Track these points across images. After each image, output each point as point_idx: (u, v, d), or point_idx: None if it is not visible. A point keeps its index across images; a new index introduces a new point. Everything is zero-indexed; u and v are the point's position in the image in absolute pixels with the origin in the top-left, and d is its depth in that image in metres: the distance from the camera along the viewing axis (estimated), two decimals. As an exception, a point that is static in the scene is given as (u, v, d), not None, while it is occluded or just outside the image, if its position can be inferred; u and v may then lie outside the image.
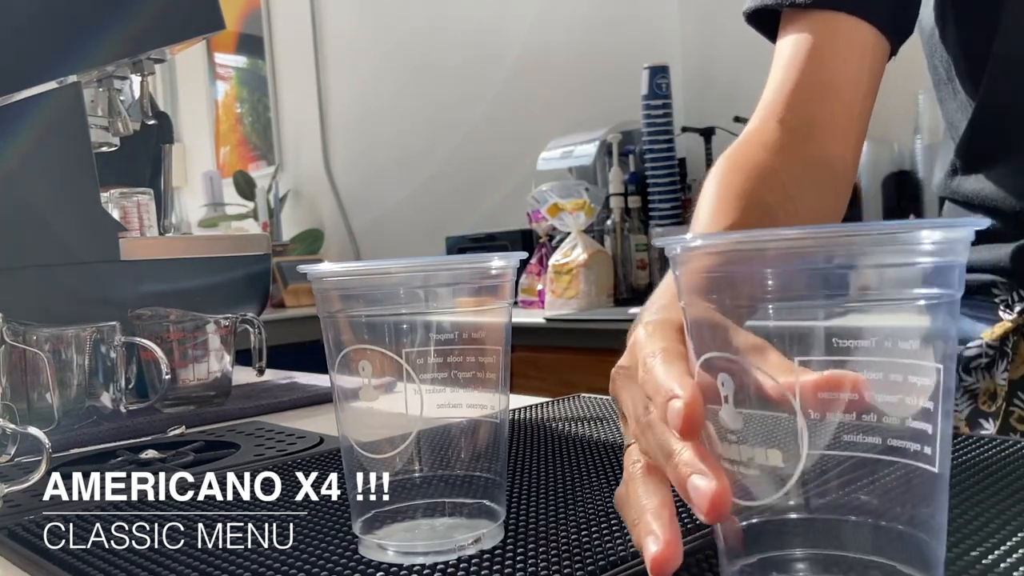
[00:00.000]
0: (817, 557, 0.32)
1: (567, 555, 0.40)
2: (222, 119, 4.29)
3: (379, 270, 0.41)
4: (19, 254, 0.91)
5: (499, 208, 2.66)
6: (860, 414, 0.29)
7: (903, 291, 0.30)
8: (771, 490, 0.31)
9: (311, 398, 0.94)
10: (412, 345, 0.41)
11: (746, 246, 0.31)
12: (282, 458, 0.65)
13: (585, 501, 0.48)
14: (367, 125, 3.36)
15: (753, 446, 0.31)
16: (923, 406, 0.29)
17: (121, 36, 0.89)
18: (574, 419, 0.72)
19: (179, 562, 0.42)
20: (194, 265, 0.99)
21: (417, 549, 0.40)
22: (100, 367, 0.78)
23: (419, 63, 3.08)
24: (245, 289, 1.04)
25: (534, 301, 2.15)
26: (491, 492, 0.42)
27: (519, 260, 0.42)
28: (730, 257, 0.32)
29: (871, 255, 0.29)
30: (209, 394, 0.91)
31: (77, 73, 0.91)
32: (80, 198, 0.93)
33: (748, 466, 0.31)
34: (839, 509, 0.31)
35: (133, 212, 1.06)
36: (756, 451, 0.31)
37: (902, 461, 0.30)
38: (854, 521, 0.31)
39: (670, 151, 2.09)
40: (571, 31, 2.55)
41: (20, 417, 0.72)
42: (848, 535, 0.31)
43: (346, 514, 0.45)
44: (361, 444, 0.42)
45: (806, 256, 0.29)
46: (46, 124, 0.91)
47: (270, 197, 3.54)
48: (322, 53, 3.57)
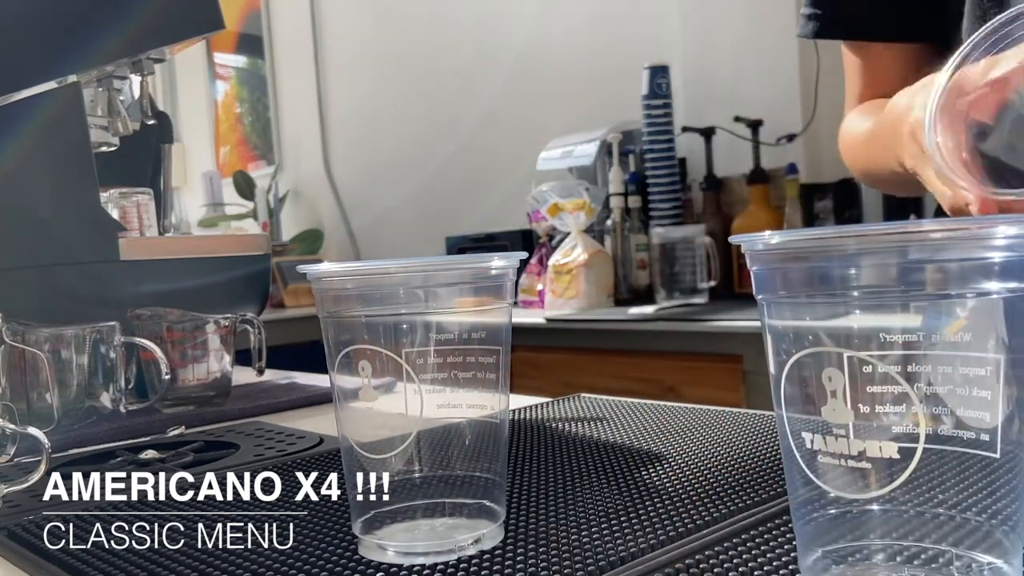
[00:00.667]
0: (896, 548, 0.32)
1: (567, 555, 0.40)
2: (222, 119, 4.29)
3: (379, 270, 0.41)
4: (19, 254, 0.91)
5: (499, 208, 2.65)
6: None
7: (977, 286, 0.30)
8: (877, 483, 0.32)
9: (311, 398, 0.94)
10: (412, 345, 0.41)
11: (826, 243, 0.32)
12: (282, 458, 0.65)
13: (585, 501, 0.48)
14: (367, 125, 3.36)
15: (865, 439, 0.31)
16: (982, 395, 0.30)
17: (121, 36, 0.89)
18: (574, 419, 0.72)
19: (179, 562, 0.42)
20: (194, 265, 0.99)
21: (417, 549, 0.40)
22: (100, 367, 0.78)
23: (419, 63, 3.08)
24: (245, 289, 1.04)
25: (534, 301, 2.15)
26: (491, 492, 0.42)
27: (519, 260, 0.42)
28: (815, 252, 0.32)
29: (946, 250, 0.30)
30: (209, 394, 0.91)
31: (77, 73, 0.91)
32: (80, 198, 0.93)
33: (859, 459, 0.31)
34: (915, 499, 0.32)
35: (133, 212, 1.06)
36: (868, 443, 0.31)
37: (959, 450, 0.30)
38: (932, 511, 0.32)
39: (670, 151, 2.09)
40: (571, 31, 2.55)
41: (20, 417, 0.72)
42: (927, 526, 0.32)
43: (346, 514, 0.45)
44: (361, 444, 0.42)
45: (884, 252, 0.30)
46: (46, 124, 0.91)
47: (270, 197, 3.54)
48: (322, 53, 3.57)
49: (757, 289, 0.34)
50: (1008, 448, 0.30)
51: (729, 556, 0.39)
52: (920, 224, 0.30)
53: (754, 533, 0.42)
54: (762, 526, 0.43)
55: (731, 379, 1.51)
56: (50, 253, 0.91)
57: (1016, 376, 0.30)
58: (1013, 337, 0.30)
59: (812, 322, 0.32)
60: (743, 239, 0.34)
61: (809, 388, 0.32)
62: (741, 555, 0.39)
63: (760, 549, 0.40)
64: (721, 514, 0.45)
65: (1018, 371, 0.30)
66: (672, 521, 0.44)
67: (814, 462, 0.33)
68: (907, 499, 0.32)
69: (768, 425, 0.66)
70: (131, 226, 1.08)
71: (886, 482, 0.31)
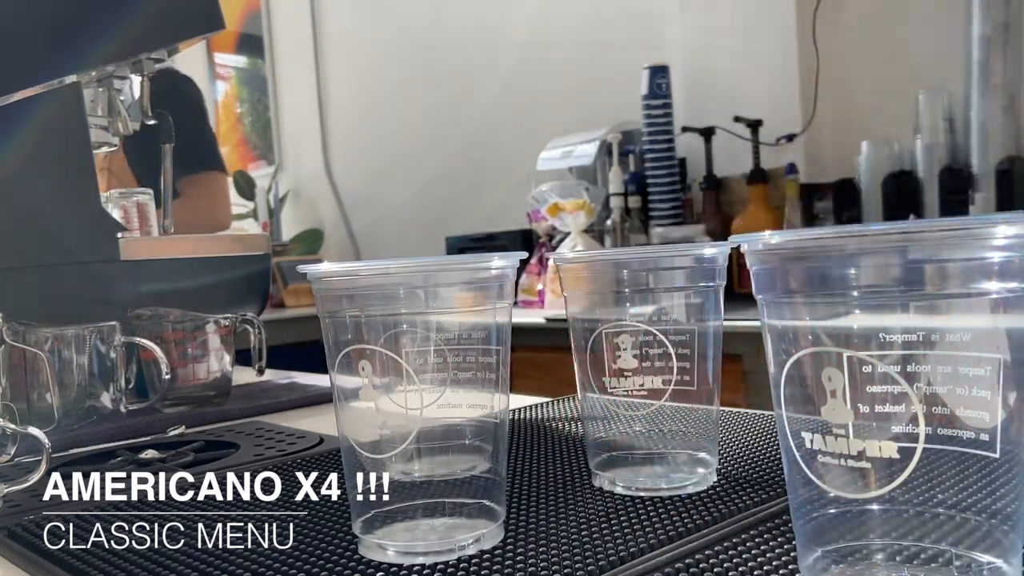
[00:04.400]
0: (895, 548, 0.32)
1: (567, 555, 0.40)
2: (222, 119, 4.28)
3: (379, 270, 0.41)
4: (19, 254, 0.91)
5: (499, 208, 2.65)
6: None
7: (977, 285, 0.30)
8: (877, 482, 0.32)
9: (311, 398, 0.94)
10: (412, 345, 0.41)
11: (826, 243, 0.32)
12: (282, 458, 0.65)
13: (585, 501, 0.48)
14: (367, 125, 3.36)
15: (865, 439, 0.31)
16: (981, 395, 0.30)
17: (121, 36, 0.89)
18: (574, 419, 0.72)
19: (179, 562, 0.42)
20: (194, 265, 0.99)
21: (417, 549, 0.40)
22: (100, 367, 0.78)
23: (419, 63, 3.08)
24: (245, 289, 1.04)
25: (534, 301, 2.15)
26: (491, 492, 0.42)
27: (519, 260, 0.42)
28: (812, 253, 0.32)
29: (946, 250, 0.30)
30: (209, 394, 0.91)
31: (77, 73, 0.91)
32: (80, 198, 0.93)
33: (859, 459, 0.31)
34: (915, 499, 0.32)
35: (133, 212, 1.06)
36: (868, 443, 0.31)
37: (958, 450, 0.30)
38: (931, 511, 0.32)
39: (670, 151, 2.09)
40: (571, 31, 2.55)
41: (20, 417, 0.72)
42: (927, 525, 0.32)
43: (346, 514, 0.45)
44: (361, 444, 0.42)
45: (884, 251, 0.30)
46: (46, 124, 0.91)
47: (270, 197, 3.54)
48: (322, 53, 3.57)
49: (757, 289, 0.34)
50: (1007, 448, 0.30)
51: (729, 556, 0.39)
52: (919, 224, 0.30)
53: (754, 533, 0.42)
54: (762, 526, 0.43)
55: (731, 379, 1.51)
56: (50, 253, 0.91)
57: (1015, 376, 0.30)
58: (1012, 337, 0.30)
59: (812, 322, 0.32)
60: (743, 239, 0.34)
61: (808, 388, 0.32)
62: (741, 555, 0.40)
63: (760, 549, 0.40)
64: (721, 514, 0.45)
65: (1017, 371, 0.30)
66: (672, 521, 0.44)
67: (814, 462, 0.33)
68: (907, 499, 0.32)
69: (768, 425, 0.66)
70: (131, 226, 1.07)
71: (886, 482, 0.31)
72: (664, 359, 0.50)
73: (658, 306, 0.50)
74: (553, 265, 2.02)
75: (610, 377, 0.50)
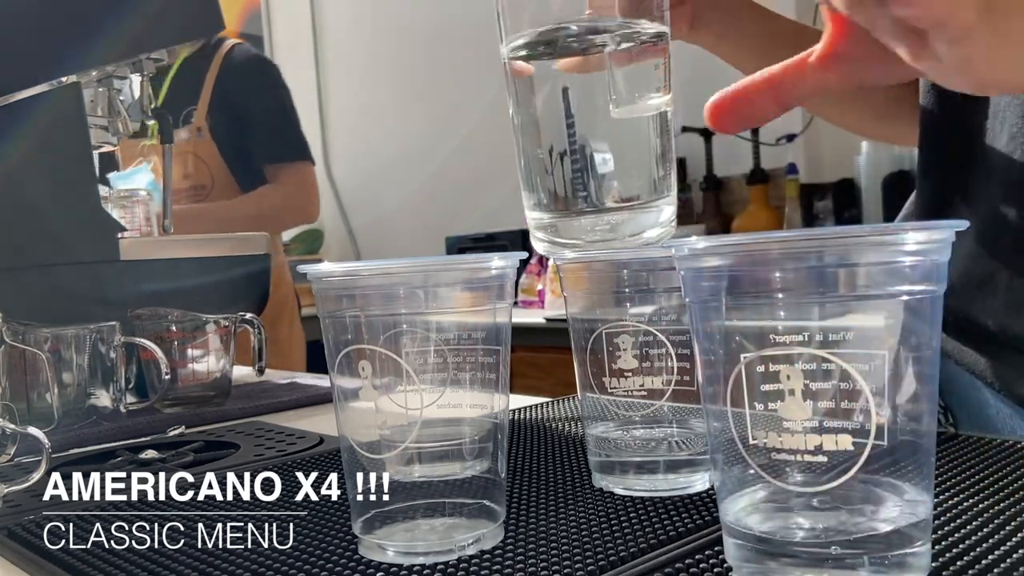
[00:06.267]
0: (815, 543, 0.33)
1: (567, 555, 0.40)
2: (222, 119, 4.28)
3: (379, 270, 0.41)
4: (19, 254, 0.91)
5: (499, 208, 2.65)
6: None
7: (889, 288, 0.32)
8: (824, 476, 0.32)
9: (311, 398, 0.94)
10: (412, 345, 0.41)
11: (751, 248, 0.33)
12: (282, 458, 0.65)
13: (585, 501, 0.48)
14: (367, 125, 3.36)
15: (821, 433, 0.32)
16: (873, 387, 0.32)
17: (121, 37, 0.89)
18: (574, 419, 0.72)
19: (179, 562, 0.42)
20: (194, 265, 0.99)
21: (417, 549, 0.40)
22: (100, 367, 0.78)
23: (419, 63, 3.08)
24: (245, 289, 1.04)
25: (534, 301, 2.15)
26: (491, 492, 0.42)
27: (519, 260, 0.42)
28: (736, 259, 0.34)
29: (859, 254, 0.32)
30: (209, 394, 0.91)
31: (77, 73, 0.91)
32: (80, 198, 0.93)
33: (815, 454, 0.32)
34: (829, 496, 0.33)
35: (133, 212, 1.06)
36: (824, 438, 0.32)
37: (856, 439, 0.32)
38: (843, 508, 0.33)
39: (670, 151, 2.09)
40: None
41: (20, 417, 0.72)
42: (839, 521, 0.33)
43: (346, 514, 0.45)
44: (361, 444, 0.42)
45: (802, 256, 0.32)
46: (46, 124, 0.91)
47: (270, 197, 3.53)
48: (322, 53, 3.57)
49: (685, 293, 0.36)
50: (894, 441, 0.32)
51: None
52: (835, 231, 0.32)
53: (754, 533, 0.42)
54: (762, 526, 0.43)
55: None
56: (50, 253, 0.91)
57: (910, 371, 0.32)
58: (912, 335, 0.32)
59: (749, 323, 0.34)
60: (674, 244, 0.35)
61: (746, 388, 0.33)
62: (741, 555, 0.39)
63: (760, 549, 0.40)
64: (721, 514, 0.45)
65: (917, 367, 0.32)
66: (672, 521, 0.44)
67: (767, 459, 0.33)
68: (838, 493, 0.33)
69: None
70: (131, 226, 1.08)
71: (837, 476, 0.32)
72: (664, 359, 0.50)
73: (658, 306, 0.50)
74: (553, 265, 2.02)
75: (610, 377, 0.50)
